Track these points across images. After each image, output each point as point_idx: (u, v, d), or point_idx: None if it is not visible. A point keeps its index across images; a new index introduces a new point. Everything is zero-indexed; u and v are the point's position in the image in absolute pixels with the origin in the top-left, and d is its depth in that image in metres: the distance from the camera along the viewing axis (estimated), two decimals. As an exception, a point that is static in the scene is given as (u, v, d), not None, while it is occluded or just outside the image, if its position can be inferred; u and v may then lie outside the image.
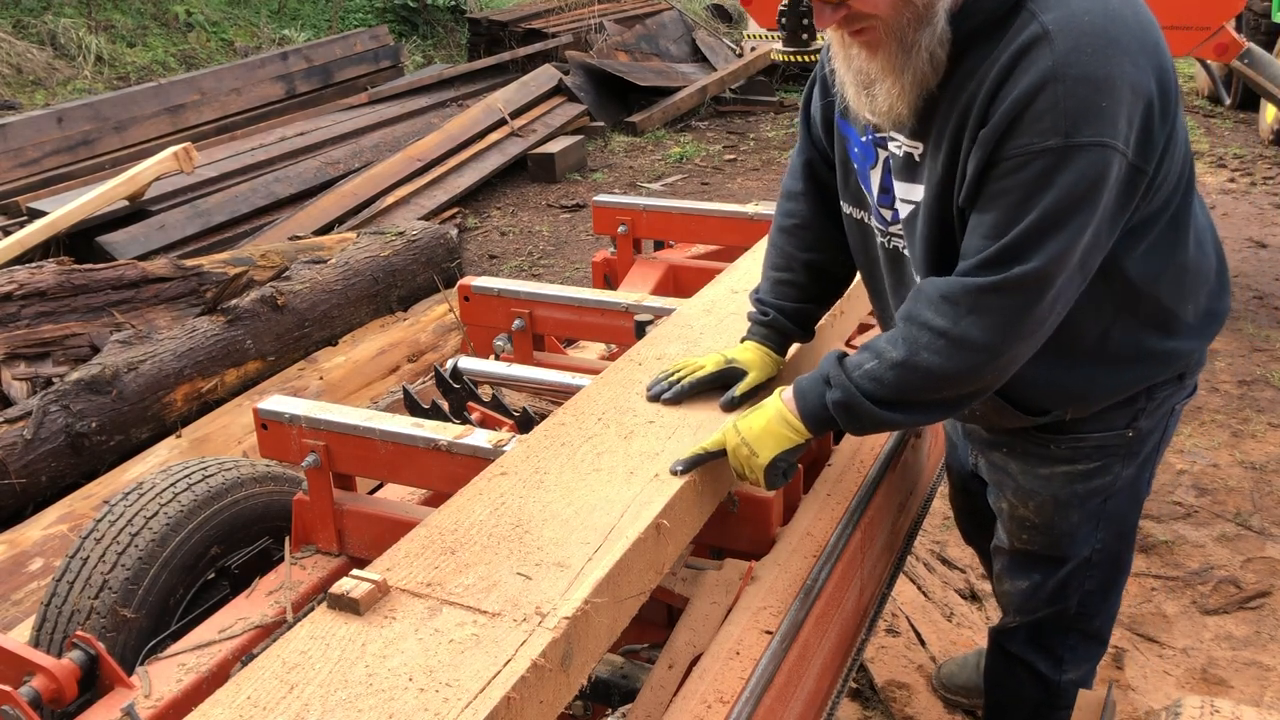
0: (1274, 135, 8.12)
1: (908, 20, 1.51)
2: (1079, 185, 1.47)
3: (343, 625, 1.33)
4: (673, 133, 9.44)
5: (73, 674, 1.73)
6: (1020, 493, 1.99)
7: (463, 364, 2.40)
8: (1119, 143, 1.47)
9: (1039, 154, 1.47)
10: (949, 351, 1.57)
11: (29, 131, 6.93)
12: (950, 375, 1.59)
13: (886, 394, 1.63)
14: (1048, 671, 2.16)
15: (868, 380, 1.64)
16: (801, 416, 1.70)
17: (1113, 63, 1.46)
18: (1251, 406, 4.41)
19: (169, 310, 4.87)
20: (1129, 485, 1.95)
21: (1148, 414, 1.87)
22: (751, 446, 1.69)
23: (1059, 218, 1.49)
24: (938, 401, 1.66)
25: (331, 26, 12.36)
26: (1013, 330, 1.56)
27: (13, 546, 3.36)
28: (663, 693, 1.58)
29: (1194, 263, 1.77)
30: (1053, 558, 2.04)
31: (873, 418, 1.66)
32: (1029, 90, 1.47)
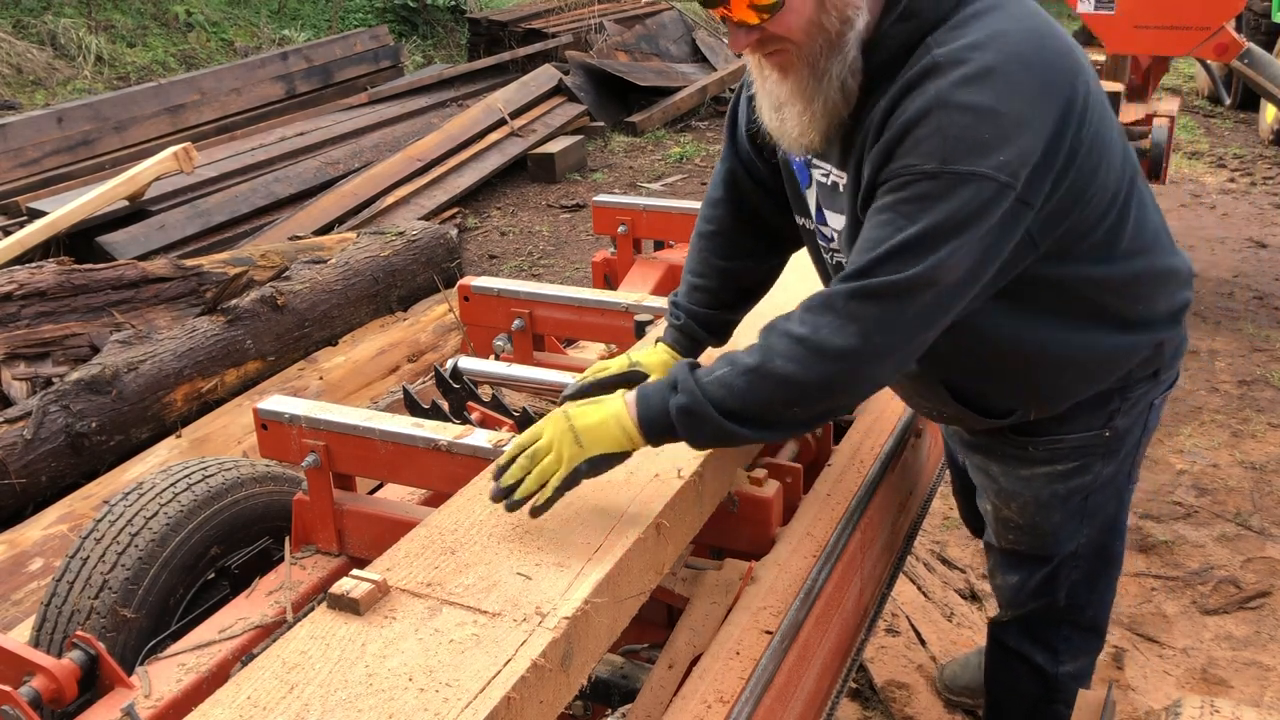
0: (1274, 135, 8.13)
1: (820, 47, 1.53)
2: (953, 213, 1.46)
3: (343, 625, 1.33)
4: (673, 133, 9.44)
5: (73, 674, 1.73)
6: (1002, 494, 2.02)
7: (463, 364, 2.40)
8: (1001, 175, 1.46)
9: (917, 177, 1.47)
10: (803, 358, 1.51)
11: (29, 131, 6.93)
12: (802, 384, 1.52)
13: (735, 403, 1.54)
14: (1044, 664, 2.18)
15: (717, 386, 1.55)
16: (639, 422, 1.57)
17: (1001, 97, 1.46)
18: (1251, 406, 4.41)
19: (169, 310, 4.87)
20: (1110, 482, 1.97)
21: (1123, 413, 1.88)
22: (580, 437, 1.56)
23: (927, 239, 1.47)
24: (788, 416, 1.57)
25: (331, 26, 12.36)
26: (870, 342, 1.50)
27: (13, 546, 3.36)
28: (663, 693, 1.58)
29: (1139, 269, 1.76)
30: (1038, 556, 2.06)
31: (716, 428, 1.55)
32: (913, 116, 1.48)
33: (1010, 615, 2.20)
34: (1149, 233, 1.79)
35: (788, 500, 1.94)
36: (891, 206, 1.50)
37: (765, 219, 1.96)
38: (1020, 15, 1.54)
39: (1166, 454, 4.04)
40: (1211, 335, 5.09)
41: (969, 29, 1.50)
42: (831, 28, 1.51)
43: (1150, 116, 5.09)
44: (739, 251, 1.97)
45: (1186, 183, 7.48)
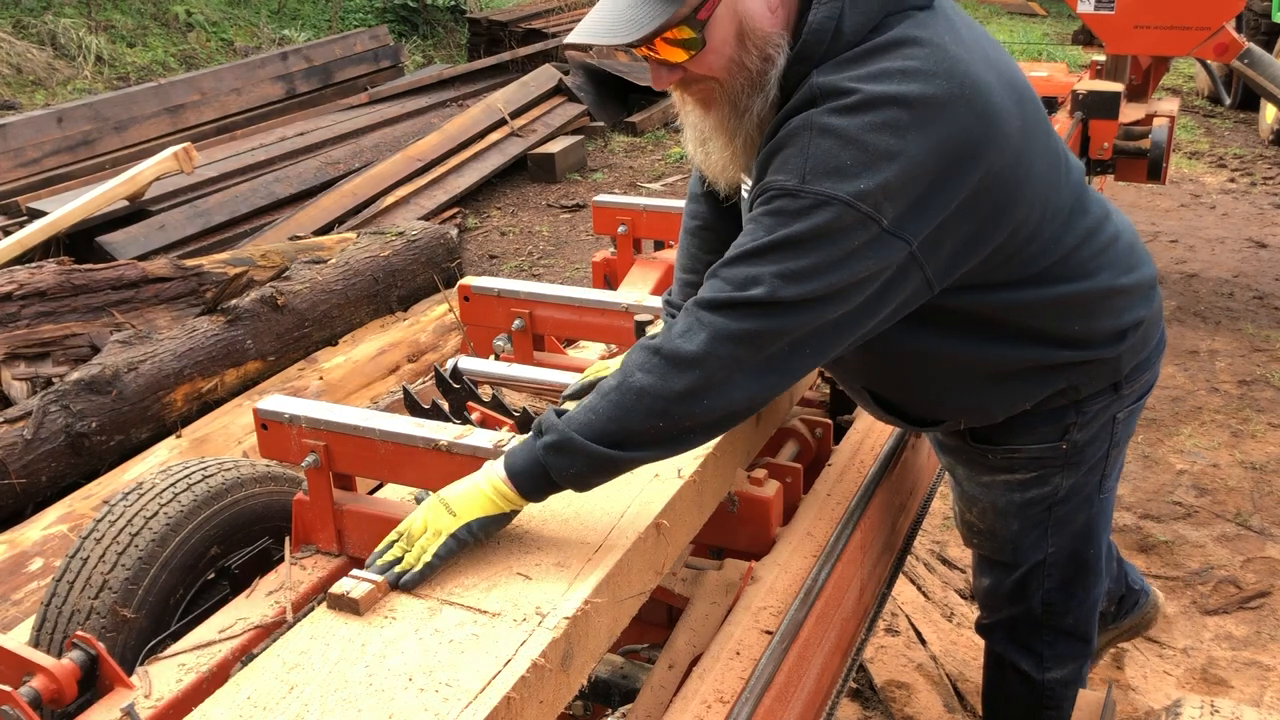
0: (1274, 135, 8.13)
1: (741, 85, 1.54)
2: (807, 230, 1.45)
3: (343, 625, 1.33)
4: (673, 133, 9.44)
5: (73, 674, 1.73)
6: (965, 498, 2.05)
7: (463, 364, 2.40)
8: (860, 204, 1.44)
9: (777, 193, 1.48)
10: (661, 369, 1.47)
11: (29, 131, 6.93)
12: (663, 395, 1.47)
13: (602, 424, 1.48)
14: (1031, 670, 2.17)
15: (583, 414, 1.50)
16: (509, 475, 1.51)
17: (869, 128, 1.44)
18: (1251, 406, 4.41)
19: (169, 310, 4.87)
20: (1076, 494, 1.95)
21: (1080, 427, 1.85)
22: (450, 506, 1.51)
23: (778, 250, 1.46)
24: (653, 435, 1.49)
25: (331, 26, 12.36)
26: (718, 350, 1.46)
27: (13, 546, 3.36)
28: (663, 693, 1.58)
29: (1076, 291, 1.72)
30: (1001, 562, 2.07)
31: (589, 457, 1.48)
32: (783, 137, 1.50)
33: (990, 619, 2.21)
34: (1093, 254, 1.74)
35: (788, 500, 1.94)
36: (752, 219, 1.51)
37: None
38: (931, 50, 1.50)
39: (1166, 454, 4.04)
40: (1211, 335, 5.09)
41: (859, 64, 1.49)
42: (753, 66, 1.53)
43: (1150, 116, 5.09)
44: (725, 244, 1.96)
45: (1186, 183, 7.48)
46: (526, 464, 1.51)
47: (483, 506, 1.51)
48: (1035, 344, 1.74)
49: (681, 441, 1.52)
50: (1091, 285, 1.74)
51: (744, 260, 1.48)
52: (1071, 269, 1.71)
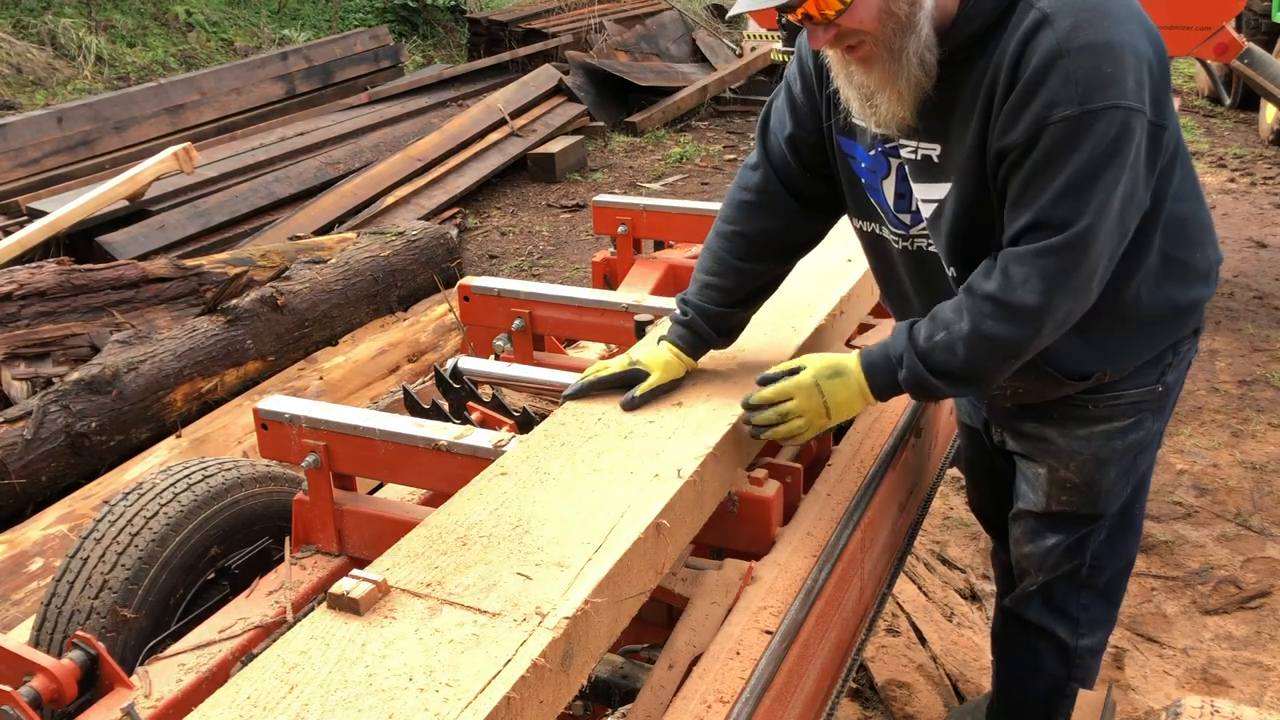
0: (1274, 135, 8.13)
1: (893, 31, 1.62)
2: (1101, 146, 1.57)
3: (343, 625, 1.33)
4: (673, 133, 9.44)
5: (73, 674, 1.73)
6: (1061, 455, 2.03)
7: (463, 364, 2.40)
8: (1132, 102, 1.58)
9: (1058, 123, 1.58)
10: (1009, 319, 1.66)
11: (29, 131, 6.93)
12: (1015, 341, 1.68)
13: (959, 367, 1.72)
14: (1065, 636, 2.21)
15: (940, 352, 1.72)
16: (874, 391, 1.81)
17: (1111, 32, 1.58)
18: (1251, 406, 4.41)
19: (169, 310, 4.87)
20: (1155, 439, 2.06)
21: (1174, 368, 1.97)
22: (831, 410, 1.81)
23: (1087, 179, 1.58)
24: (1001, 371, 1.75)
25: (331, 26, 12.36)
26: (1061, 291, 1.64)
27: (13, 546, 3.36)
28: (663, 693, 1.57)
29: (1198, 213, 1.89)
30: (1087, 515, 2.09)
31: (938, 391, 1.76)
32: (1039, 68, 1.58)
33: (1036, 585, 2.20)
34: (1195, 180, 1.90)
35: (788, 500, 1.94)
36: (1041, 157, 1.60)
37: (789, 223, 2.01)
38: None
39: (1166, 454, 4.04)
40: (1211, 335, 5.09)
41: None
42: (900, 11, 1.61)
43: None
44: (758, 253, 2.02)
45: (1186, 183, 7.47)
46: (888, 385, 1.80)
47: (852, 412, 1.85)
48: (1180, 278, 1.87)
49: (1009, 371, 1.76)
50: (1203, 210, 1.91)
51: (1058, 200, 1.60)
52: (1191, 188, 1.86)
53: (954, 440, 2.85)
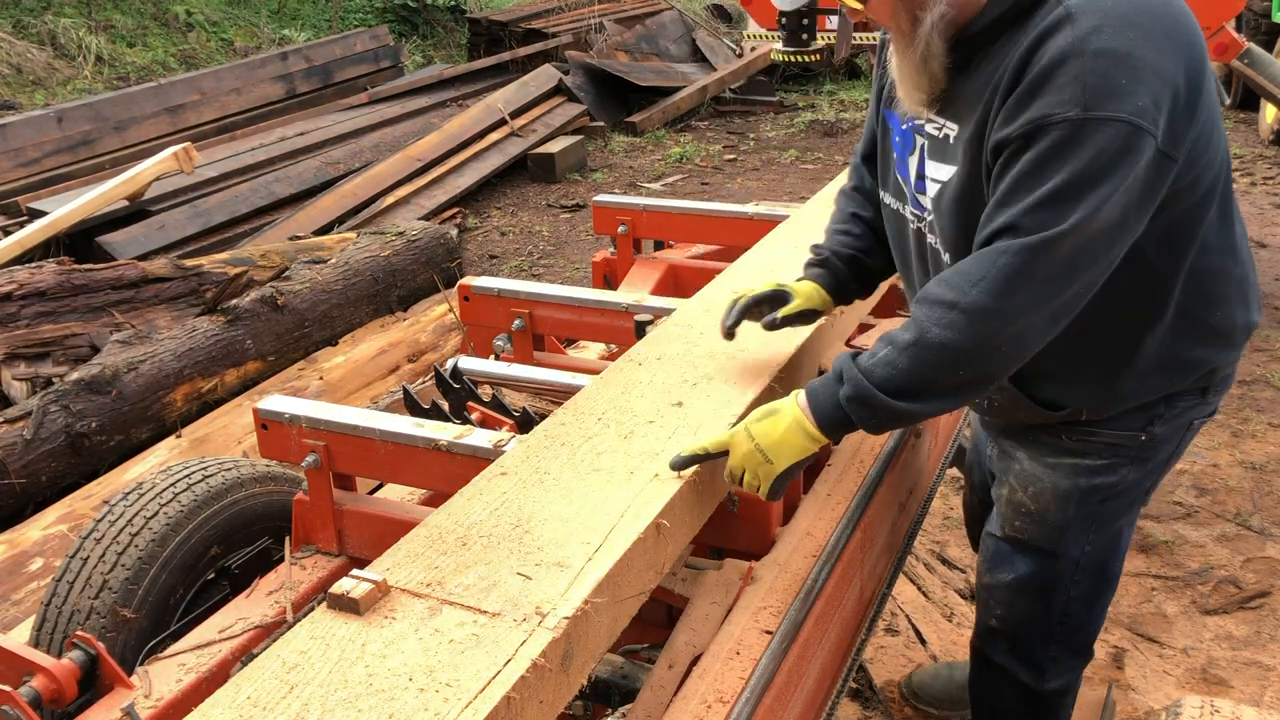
0: (1274, 135, 8.12)
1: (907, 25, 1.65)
2: (1099, 158, 1.48)
3: (343, 625, 1.33)
4: (673, 133, 9.44)
5: (73, 674, 1.73)
6: (1022, 476, 1.98)
7: (463, 364, 2.40)
8: (1142, 121, 1.48)
9: (1058, 124, 1.49)
10: (959, 324, 1.54)
11: (29, 131, 6.93)
12: (963, 349, 1.55)
13: (901, 380, 1.58)
14: (1030, 682, 2.13)
15: (881, 368, 1.59)
16: (816, 420, 1.66)
17: (1135, 44, 1.49)
18: (1251, 406, 4.41)
19: (169, 310, 4.87)
20: (1129, 492, 1.95)
21: (1165, 421, 1.86)
22: (767, 454, 1.64)
23: (1075, 190, 1.49)
24: (954, 385, 1.60)
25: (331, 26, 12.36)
26: (1018, 294, 1.52)
27: (13, 546, 3.36)
28: (663, 693, 1.57)
29: (1230, 270, 1.77)
30: (1041, 550, 2.01)
31: (888, 410, 1.60)
32: (1050, 64, 1.50)
33: (997, 623, 2.13)
34: (1235, 234, 1.78)
35: (788, 500, 1.94)
36: (1033, 158, 1.52)
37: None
38: None
39: (1166, 454, 4.04)
40: (1211, 335, 5.08)
41: None
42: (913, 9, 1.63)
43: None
44: (874, 206, 2.07)
45: (1186, 183, 7.47)
46: (829, 411, 1.64)
47: (797, 452, 1.66)
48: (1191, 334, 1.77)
49: (977, 389, 1.61)
50: (1239, 268, 1.79)
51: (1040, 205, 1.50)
52: (1225, 240, 1.75)
53: (954, 440, 2.85)
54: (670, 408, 1.86)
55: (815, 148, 8.94)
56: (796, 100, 10.52)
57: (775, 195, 7.60)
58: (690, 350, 2.07)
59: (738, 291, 2.00)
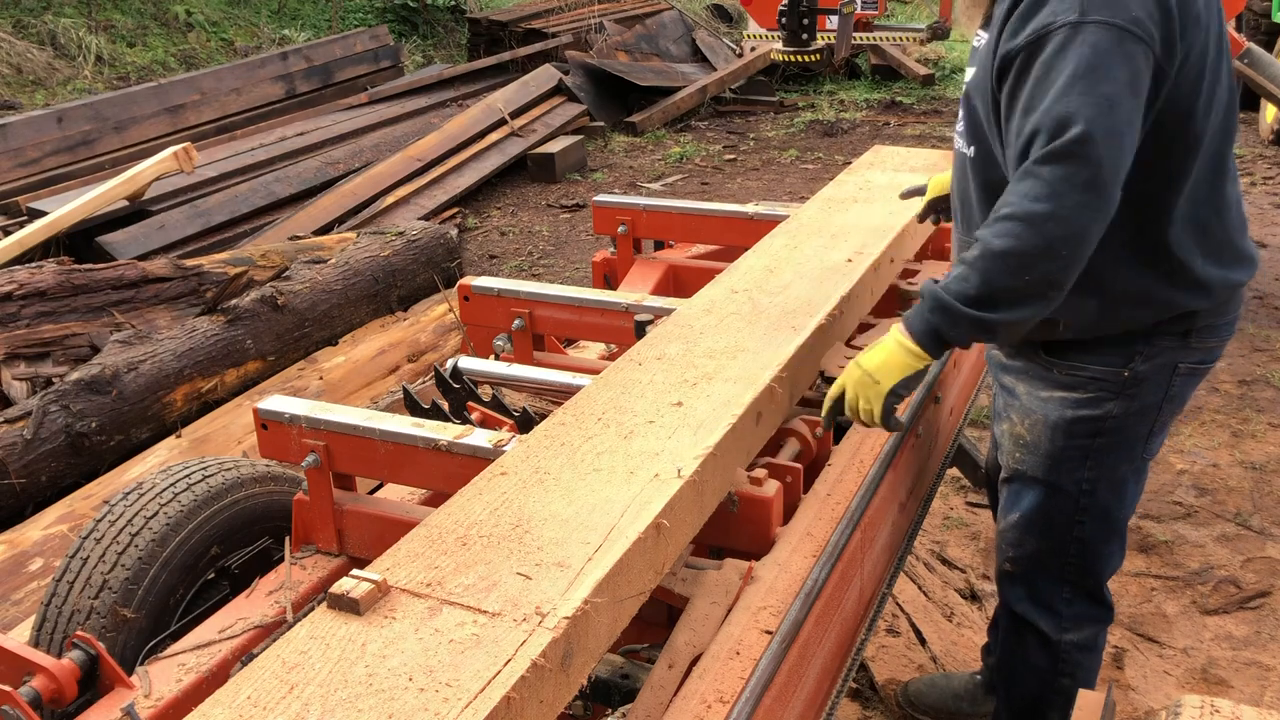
0: (1274, 135, 8.12)
1: None
2: (1097, 55, 1.65)
3: (343, 625, 1.33)
4: (673, 133, 9.44)
5: (73, 674, 1.73)
6: (1021, 410, 2.15)
7: (463, 364, 2.40)
8: (1134, 28, 1.66)
9: (1058, 29, 1.68)
10: (1017, 230, 1.69)
11: (29, 131, 6.92)
12: (1025, 253, 1.69)
13: (974, 290, 1.74)
14: (1049, 630, 2.23)
15: (956, 282, 1.77)
16: (912, 338, 1.84)
17: None
18: (1251, 406, 4.41)
19: (169, 310, 4.87)
20: (1120, 429, 2.07)
21: (1145, 359, 2.00)
22: (873, 375, 1.86)
23: (1083, 83, 1.66)
24: (1022, 292, 1.73)
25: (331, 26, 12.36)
26: (1068, 197, 1.66)
27: (13, 546, 3.36)
28: (663, 693, 1.58)
29: (1211, 227, 1.92)
30: (1038, 480, 2.15)
31: (969, 319, 1.76)
32: None
33: (1011, 565, 2.26)
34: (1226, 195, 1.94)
35: (788, 500, 1.94)
36: (1042, 62, 1.70)
37: None
38: None
39: (1166, 454, 4.04)
40: (1211, 335, 5.08)
41: None
42: None
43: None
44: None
45: (1186, 183, 7.47)
46: (921, 327, 1.83)
47: (900, 369, 1.85)
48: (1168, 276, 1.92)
49: (1046, 297, 1.74)
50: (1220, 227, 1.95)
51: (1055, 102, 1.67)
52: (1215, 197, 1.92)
53: (954, 440, 2.85)
54: (670, 408, 1.86)
55: (815, 148, 8.94)
56: (796, 100, 10.52)
57: (775, 195, 7.60)
58: (690, 350, 2.07)
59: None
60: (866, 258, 2.51)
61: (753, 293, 2.33)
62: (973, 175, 2.02)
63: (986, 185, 1.98)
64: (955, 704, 2.73)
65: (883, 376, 1.85)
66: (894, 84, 11.03)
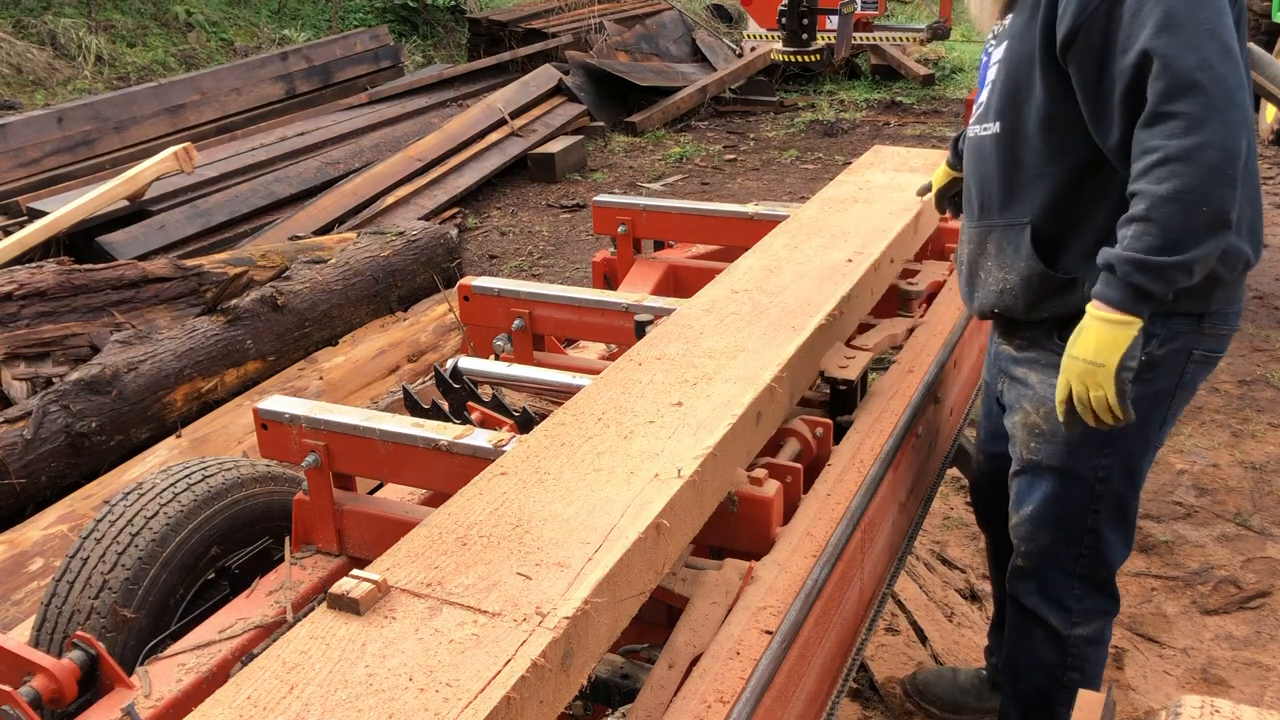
0: (1274, 135, 8.12)
1: None
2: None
3: (343, 625, 1.33)
4: (673, 133, 9.44)
5: (73, 674, 1.73)
6: (1035, 399, 2.13)
7: (463, 364, 2.40)
8: None
9: None
10: (1179, 169, 1.70)
11: (29, 131, 6.93)
12: (1196, 188, 1.70)
13: (1161, 240, 1.73)
14: (1059, 625, 2.23)
15: (1137, 240, 1.75)
16: (1117, 308, 1.79)
17: None
18: (1251, 406, 4.41)
19: (169, 310, 4.87)
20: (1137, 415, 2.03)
21: (1162, 342, 1.99)
22: (1094, 360, 1.80)
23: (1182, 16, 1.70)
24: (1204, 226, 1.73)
25: (331, 26, 12.36)
26: (1213, 121, 1.68)
27: (13, 546, 3.36)
28: (663, 693, 1.57)
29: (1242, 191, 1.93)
30: (1054, 469, 2.13)
31: (1171, 268, 1.74)
32: None
33: (1023, 560, 2.24)
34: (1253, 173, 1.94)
35: (788, 500, 1.94)
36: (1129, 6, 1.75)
37: None
38: None
39: (1167, 454, 4.04)
40: (1211, 335, 5.08)
41: None
42: None
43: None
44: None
45: (1186, 183, 7.47)
46: (1123, 293, 1.78)
47: (1119, 344, 1.79)
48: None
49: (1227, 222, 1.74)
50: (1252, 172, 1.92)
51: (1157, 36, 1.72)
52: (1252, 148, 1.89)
53: (954, 440, 2.85)
54: (670, 408, 1.86)
55: (815, 148, 8.94)
56: (796, 100, 10.52)
57: (775, 195, 7.60)
58: (690, 350, 2.07)
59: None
60: (866, 258, 2.51)
61: (753, 293, 2.33)
62: (996, 152, 2.04)
63: (1010, 161, 2.01)
64: (962, 697, 2.74)
65: (1105, 357, 1.79)
66: (894, 84, 11.04)
